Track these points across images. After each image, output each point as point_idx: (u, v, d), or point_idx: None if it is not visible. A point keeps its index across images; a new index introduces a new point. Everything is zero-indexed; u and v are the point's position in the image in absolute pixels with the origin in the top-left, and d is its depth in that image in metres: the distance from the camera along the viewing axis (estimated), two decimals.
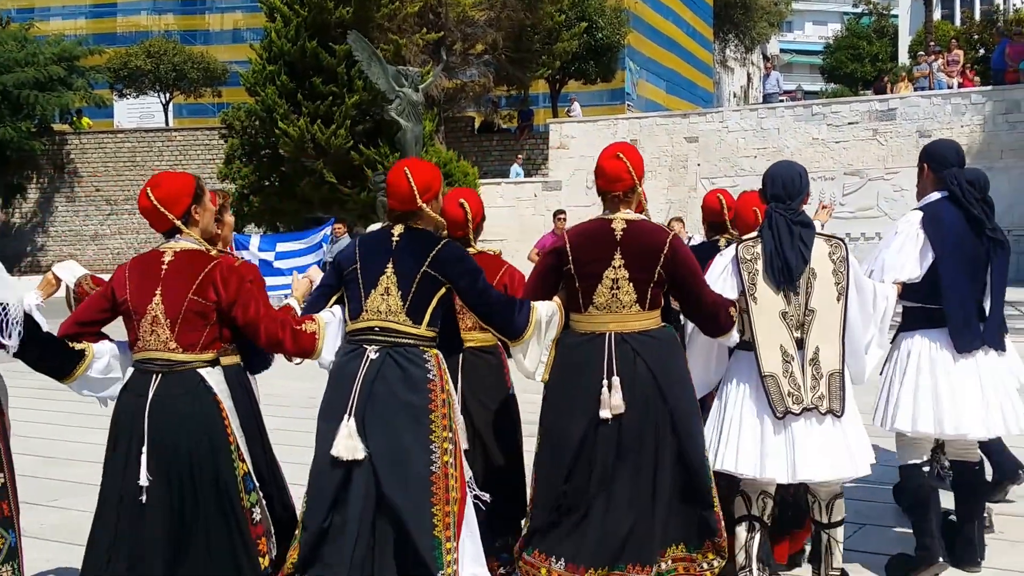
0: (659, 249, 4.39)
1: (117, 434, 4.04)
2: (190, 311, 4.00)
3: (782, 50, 71.63)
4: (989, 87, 23.99)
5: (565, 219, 16.44)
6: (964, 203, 5.14)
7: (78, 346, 4.14)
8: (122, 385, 4.12)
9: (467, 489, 4.24)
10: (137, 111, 41.66)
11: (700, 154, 25.81)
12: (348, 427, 4.04)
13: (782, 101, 28.71)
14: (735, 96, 56.55)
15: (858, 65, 52.56)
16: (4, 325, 3.87)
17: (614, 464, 4.34)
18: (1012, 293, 14.93)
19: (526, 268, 5.24)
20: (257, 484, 4.14)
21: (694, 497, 4.44)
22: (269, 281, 5.19)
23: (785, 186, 4.83)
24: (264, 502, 4.16)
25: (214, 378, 4.06)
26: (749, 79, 59.00)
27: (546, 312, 4.41)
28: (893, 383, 5.28)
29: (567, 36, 29.50)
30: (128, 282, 4.10)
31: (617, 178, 4.49)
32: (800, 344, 4.66)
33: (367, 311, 4.16)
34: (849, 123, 24.61)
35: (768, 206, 4.83)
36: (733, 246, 4.88)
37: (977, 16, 42.84)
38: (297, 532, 4.18)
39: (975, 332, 5.16)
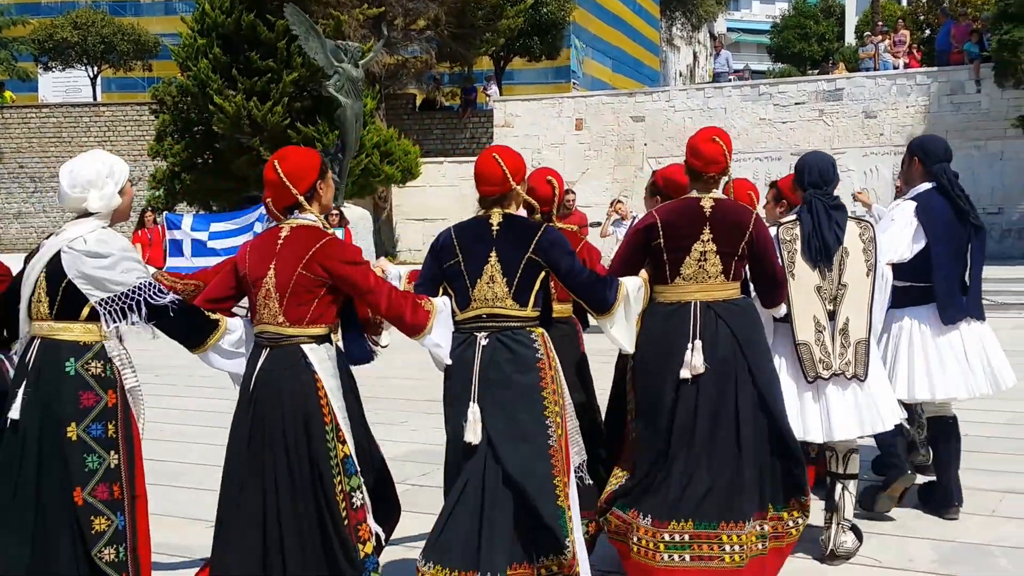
0: (746, 226, 4.82)
1: (238, 405, 4.28)
2: (299, 285, 4.17)
3: (729, 29, 72.12)
4: (935, 68, 24.45)
5: None
6: (952, 195, 5.92)
7: (212, 316, 4.34)
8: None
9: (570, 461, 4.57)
10: (63, 85, 41.09)
11: (647, 134, 26.07)
12: (473, 413, 4.34)
13: (731, 80, 29.06)
14: (681, 75, 56.99)
15: (805, 45, 53.18)
16: (142, 303, 4.10)
17: (693, 422, 4.71)
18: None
19: None
20: (359, 468, 4.27)
21: (786, 456, 4.83)
22: (202, 262, 5.30)
23: (821, 174, 5.43)
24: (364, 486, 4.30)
25: (317, 355, 4.21)
26: (695, 58, 59.48)
27: (633, 287, 4.73)
28: (897, 354, 5.96)
29: (511, 12, 29.54)
30: (248, 256, 4.31)
31: (714, 160, 4.88)
32: (832, 316, 5.28)
33: (475, 300, 4.46)
34: (796, 103, 24.98)
35: (807, 192, 5.41)
36: (773, 228, 5.34)
37: None
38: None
39: (959, 306, 5.98)
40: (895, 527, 6.02)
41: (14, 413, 4.05)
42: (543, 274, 4.51)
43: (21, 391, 4.08)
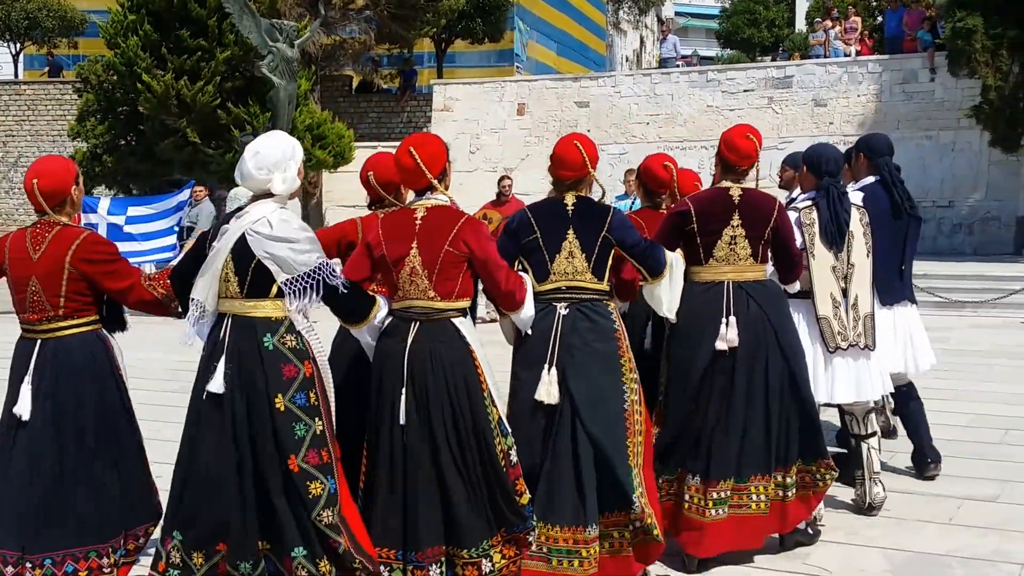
0: (770, 214, 5.58)
1: (381, 378, 4.69)
2: (446, 262, 4.66)
3: (677, 13, 72.30)
4: (886, 56, 24.50)
5: None
6: (891, 187, 6.69)
7: (370, 294, 4.79)
8: (380, 332, 4.76)
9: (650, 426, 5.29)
10: None
11: (591, 119, 25.91)
12: (550, 376, 4.92)
13: (679, 66, 29.00)
14: (627, 60, 56.97)
15: (755, 31, 53.43)
16: (321, 283, 4.47)
17: (730, 391, 5.44)
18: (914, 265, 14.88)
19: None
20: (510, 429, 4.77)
21: (807, 422, 5.58)
22: (120, 247, 5.13)
23: (837, 163, 6.16)
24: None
25: (467, 327, 4.73)
26: (642, 42, 59.51)
27: (673, 256, 5.35)
28: None
29: None
30: (382, 238, 4.74)
31: (748, 155, 5.63)
32: (844, 293, 6.06)
33: (555, 273, 5.08)
34: (744, 90, 24.95)
35: (823, 180, 6.07)
36: (792, 212, 6.00)
37: None
38: None
39: (896, 289, 6.67)
40: (847, 535, 5.97)
41: (215, 387, 4.37)
42: (613, 251, 5.13)
43: (221, 366, 4.38)
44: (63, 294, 4.68)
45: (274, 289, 4.44)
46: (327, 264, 4.51)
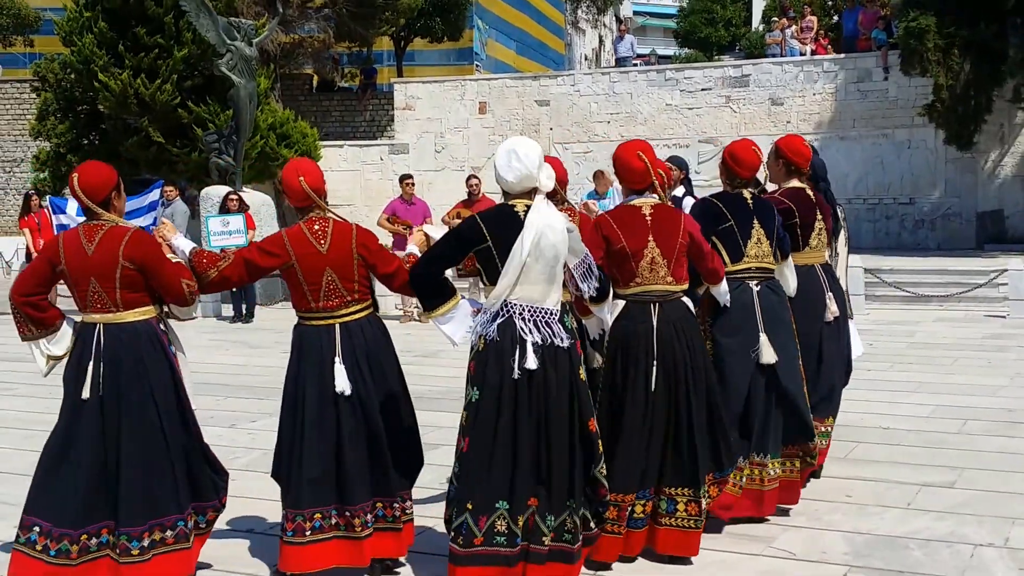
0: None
1: (628, 353, 5.38)
2: (680, 252, 5.46)
3: (635, 12, 72.61)
4: (842, 55, 24.80)
5: (413, 184, 16.37)
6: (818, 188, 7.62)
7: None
8: (616, 316, 5.44)
9: None
10: None
11: (552, 118, 26.06)
12: (764, 339, 5.89)
13: (636, 65, 29.16)
14: (587, 59, 57.15)
15: (712, 30, 53.82)
16: (591, 270, 5.11)
17: (837, 351, 6.74)
18: (872, 260, 15.94)
19: (377, 235, 5.78)
20: None
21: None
22: None
23: (824, 168, 7.16)
24: None
25: (689, 303, 5.57)
26: (601, 41, 59.69)
27: None
28: None
29: None
30: (621, 233, 5.42)
31: (807, 159, 6.71)
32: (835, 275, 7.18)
33: (747, 256, 6.05)
34: (702, 89, 25.18)
35: (822, 184, 7.03)
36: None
37: None
38: None
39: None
40: (809, 520, 6.15)
41: (531, 364, 4.80)
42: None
43: (530, 346, 4.81)
44: (356, 279, 5.22)
45: (562, 277, 5.01)
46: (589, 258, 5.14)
